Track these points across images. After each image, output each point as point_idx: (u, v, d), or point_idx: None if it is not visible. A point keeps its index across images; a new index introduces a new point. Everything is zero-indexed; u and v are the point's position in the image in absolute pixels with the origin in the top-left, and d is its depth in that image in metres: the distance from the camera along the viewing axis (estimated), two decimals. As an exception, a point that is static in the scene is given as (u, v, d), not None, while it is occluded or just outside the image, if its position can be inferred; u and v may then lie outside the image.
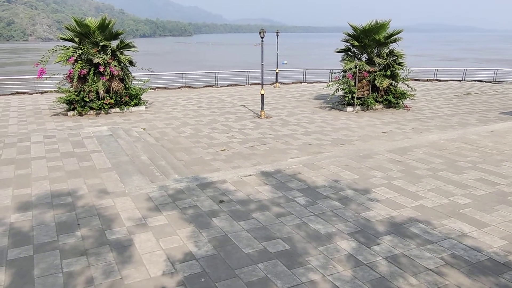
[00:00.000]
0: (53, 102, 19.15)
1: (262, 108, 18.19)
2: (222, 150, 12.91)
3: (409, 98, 20.52)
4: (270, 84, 29.12)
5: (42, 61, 17.27)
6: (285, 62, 63.39)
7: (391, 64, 19.73)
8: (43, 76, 17.76)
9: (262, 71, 18.90)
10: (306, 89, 27.57)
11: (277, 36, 28.82)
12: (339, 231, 7.35)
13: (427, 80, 32.00)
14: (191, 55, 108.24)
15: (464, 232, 7.34)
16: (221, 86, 28.61)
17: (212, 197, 8.87)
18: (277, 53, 29.26)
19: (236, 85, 29.33)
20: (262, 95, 18.11)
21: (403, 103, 20.46)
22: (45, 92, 24.47)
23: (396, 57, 20.15)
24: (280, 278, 5.92)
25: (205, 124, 16.73)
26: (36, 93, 24.56)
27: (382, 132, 15.40)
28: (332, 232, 7.32)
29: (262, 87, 18.51)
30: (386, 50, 20.20)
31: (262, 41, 17.90)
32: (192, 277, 5.94)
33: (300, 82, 30.75)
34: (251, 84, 29.35)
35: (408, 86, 20.38)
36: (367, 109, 19.89)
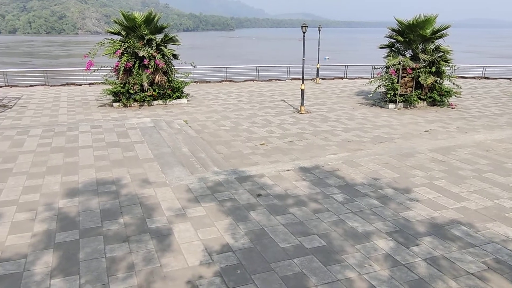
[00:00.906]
0: (100, 93, 19.81)
1: (302, 103, 18.07)
2: (261, 145, 12.94)
3: (455, 96, 19.75)
4: (311, 80, 28.86)
5: (90, 53, 17.88)
6: (327, 57, 62.62)
7: (436, 60, 19.03)
8: (91, 68, 18.38)
9: (303, 66, 18.74)
10: (347, 85, 27.13)
11: (319, 31, 28.49)
12: (377, 230, 7.23)
13: (474, 78, 30.66)
14: (234, 49, 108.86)
15: (509, 237, 7.04)
16: (261, 81, 28.62)
17: (250, 191, 8.93)
18: (318, 48, 28.95)
19: (276, 79, 29.26)
20: (302, 90, 17.98)
21: (448, 101, 19.74)
22: (92, 83, 25.35)
23: (442, 53, 19.41)
24: (315, 274, 5.90)
25: (245, 118, 16.81)
26: (85, 84, 25.48)
27: (425, 131, 14.94)
28: (370, 230, 7.20)
29: (303, 82, 18.36)
30: (432, 46, 19.49)
31: (304, 36, 17.73)
32: (229, 269, 6.02)
33: (341, 78, 30.28)
34: (291, 79, 29.19)
35: (454, 83, 19.61)
36: (410, 107, 19.33)
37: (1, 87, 23.51)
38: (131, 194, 8.68)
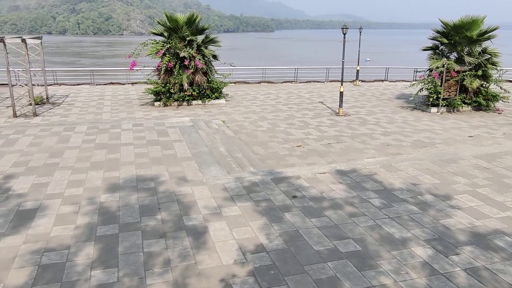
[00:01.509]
0: (142, 92, 20.34)
1: (340, 106, 17.85)
2: (297, 146, 12.89)
3: (502, 101, 18.89)
4: (350, 82, 28.46)
5: (134, 54, 18.41)
6: (368, 59, 61.53)
7: (483, 63, 18.28)
8: (134, 68, 18.92)
9: (343, 68, 18.51)
10: (388, 88, 26.55)
11: (360, 32, 28.04)
12: (415, 236, 7.04)
13: (524, 82, 29.26)
14: (273, 51, 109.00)
15: (558, 250, 6.67)
16: (300, 82, 28.50)
17: (285, 192, 8.91)
18: (359, 50, 28.49)
19: (315, 81, 29.04)
20: (341, 93, 17.76)
21: (494, 106, 18.92)
22: (135, 83, 26.03)
23: (489, 56, 18.63)
24: (349, 279, 5.82)
25: (282, 119, 16.79)
26: (128, 83, 26.23)
27: (469, 136, 14.40)
28: (408, 237, 7.02)
29: (342, 84, 18.13)
30: (479, 49, 18.77)
31: (344, 37, 17.52)
32: (262, 269, 6.03)
33: (382, 80, 29.67)
34: (330, 81, 28.89)
35: (501, 87, 18.78)
36: (453, 111, 18.68)
37: (51, 85, 24.54)
38: (169, 191, 8.86)
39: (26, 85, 18.28)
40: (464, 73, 18.17)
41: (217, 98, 20.04)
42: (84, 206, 8.05)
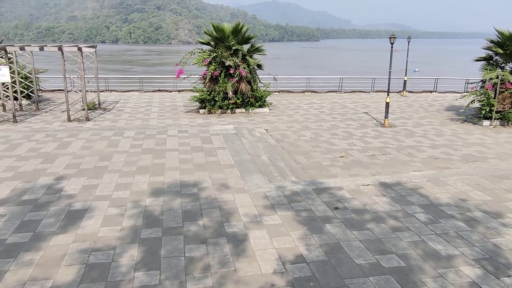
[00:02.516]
0: (188, 100, 20.80)
1: (386, 117, 17.46)
2: (341, 157, 12.71)
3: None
4: (397, 92, 27.81)
5: (181, 62, 18.90)
6: (417, 69, 59.85)
7: (542, 75, 17.35)
8: (181, 76, 19.39)
9: (389, 78, 18.12)
10: (436, 99, 25.70)
11: (408, 42, 27.42)
12: (463, 254, 6.73)
13: None
14: (319, 60, 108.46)
15: None
16: (344, 92, 28.17)
17: (327, 203, 8.80)
18: (406, 60, 27.81)
19: (360, 91, 28.61)
20: (387, 103, 17.38)
21: (554, 120, 17.86)
22: (181, 90, 26.68)
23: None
24: (391, 295, 5.64)
25: (326, 129, 16.63)
26: (174, 91, 26.93)
27: (524, 151, 13.66)
28: (455, 254, 6.73)
29: (388, 95, 17.75)
30: (538, 60, 17.85)
31: (392, 47, 17.18)
32: (302, 280, 5.97)
33: (430, 92, 28.77)
34: (376, 91, 28.36)
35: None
36: (508, 125, 17.77)
37: (103, 91, 25.59)
38: (211, 198, 8.97)
39: (80, 91, 19.17)
40: (520, 85, 17.29)
41: (260, 106, 20.15)
42: (130, 209, 8.28)
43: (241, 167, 11.18)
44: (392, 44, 17.19)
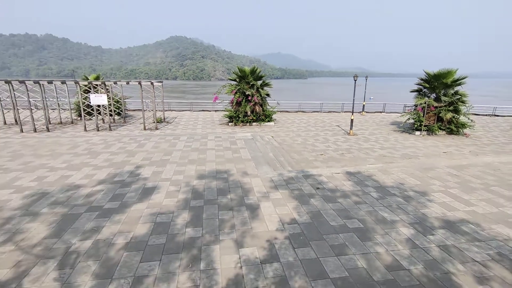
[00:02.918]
0: (221, 117, 20.82)
1: (351, 128, 17.24)
2: (321, 155, 12.58)
3: (469, 128, 17.38)
4: (358, 113, 27.42)
5: (217, 92, 18.97)
6: (372, 98, 58.88)
7: (455, 101, 16.94)
8: (217, 101, 19.45)
9: (353, 103, 17.93)
10: (384, 117, 25.29)
11: (366, 79, 27.10)
12: (401, 220, 6.61)
13: (486, 115, 26.72)
14: (306, 91, 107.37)
15: (510, 236, 5.98)
16: (323, 112, 27.90)
17: (311, 185, 8.72)
18: (365, 91, 27.52)
19: (334, 111, 28.30)
20: (352, 120, 17.17)
21: (463, 132, 17.43)
22: (217, 110, 26.75)
23: (460, 96, 17.24)
24: (354, 246, 5.57)
25: (311, 136, 16.49)
26: (212, 111, 26.99)
27: (443, 152, 13.35)
28: (396, 220, 6.61)
29: (352, 114, 17.54)
30: (452, 91, 17.43)
31: (355, 83, 17.00)
32: (295, 235, 5.93)
33: (380, 112, 28.29)
34: (344, 112, 28.00)
35: (468, 118, 17.29)
36: (432, 134, 17.40)
37: (166, 111, 25.86)
38: (236, 181, 8.96)
39: (152, 110, 19.34)
40: (440, 108, 16.95)
41: (268, 121, 20.07)
42: (183, 187, 8.33)
43: (256, 160, 11.16)
44: (355, 80, 17.01)
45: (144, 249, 5.39)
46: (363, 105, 27.16)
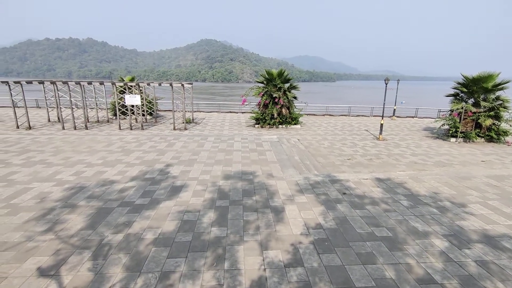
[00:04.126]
0: (248, 118, 20.92)
1: (380, 133, 16.63)
2: (348, 159, 12.24)
3: (511, 136, 16.09)
4: (388, 117, 26.42)
5: (245, 94, 19.11)
6: (404, 102, 56.52)
7: (496, 107, 15.80)
8: (244, 103, 19.59)
9: (383, 107, 17.30)
10: (417, 122, 24.14)
11: (398, 83, 26.07)
12: (435, 231, 6.24)
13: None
14: (334, 94, 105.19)
15: None
16: (352, 116, 27.19)
17: (338, 190, 8.51)
18: (396, 95, 26.45)
19: (363, 115, 27.47)
20: (381, 124, 16.56)
21: (504, 139, 16.19)
22: (244, 112, 26.95)
23: (502, 102, 16.06)
24: (382, 255, 5.35)
25: (338, 140, 16.11)
26: (240, 113, 27.24)
27: (481, 161, 12.48)
28: (429, 231, 6.26)
29: (382, 118, 16.92)
30: (493, 96, 16.27)
31: (386, 86, 16.39)
32: (319, 240, 5.80)
33: (412, 117, 27.05)
34: (374, 116, 27.11)
35: (511, 125, 16.01)
36: (469, 141, 16.33)
37: (195, 111, 26.46)
38: (261, 182, 8.95)
39: (181, 111, 19.87)
40: (479, 114, 15.88)
41: (295, 124, 19.88)
42: (210, 187, 8.45)
43: (281, 163, 11.09)
44: (386, 84, 16.41)
45: (171, 246, 5.52)
46: (394, 109, 26.12)
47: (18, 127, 16.71)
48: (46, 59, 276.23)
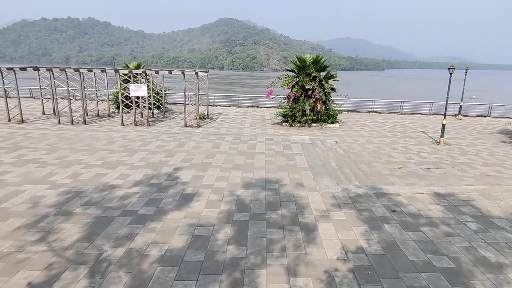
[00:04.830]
0: (274, 115, 20.96)
1: (441, 136, 16.04)
2: (399, 168, 11.92)
3: None
4: (452, 116, 25.46)
5: (271, 85, 19.16)
6: (474, 97, 54.15)
7: None
8: (270, 96, 19.64)
9: (446, 103, 16.65)
10: (490, 123, 23.05)
11: (466, 72, 24.99)
12: (512, 264, 5.92)
13: None
14: (383, 86, 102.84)
15: None
16: (404, 113, 26.46)
17: (385, 206, 8.31)
18: (463, 88, 25.39)
19: (418, 113, 26.67)
20: (443, 125, 15.97)
21: None
22: (269, 107, 27.02)
23: None
24: (442, 291, 5.14)
25: (386, 144, 15.73)
26: (264, 107, 27.35)
27: None
28: (504, 263, 5.95)
29: (445, 117, 16.31)
30: None
31: (450, 76, 15.77)
32: (361, 268, 5.69)
33: (484, 116, 25.90)
34: (433, 114, 26.24)
35: None
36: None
37: (210, 105, 26.85)
38: (289, 193, 8.93)
39: (194, 104, 20.26)
40: None
41: (332, 122, 19.67)
42: (226, 196, 8.54)
43: (314, 170, 11.00)
44: (450, 74, 15.79)
45: (179, 265, 5.63)
46: (460, 106, 25.11)
47: (9, 120, 17.77)
48: (42, 42, 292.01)
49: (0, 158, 11.28)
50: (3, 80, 17.39)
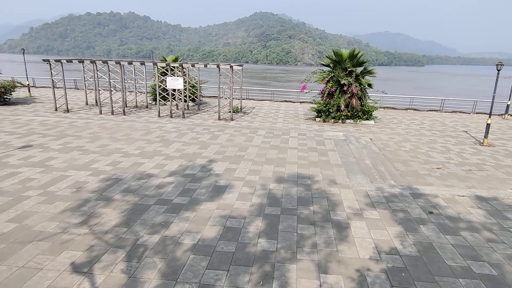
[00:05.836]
0: (307, 110, 20.72)
1: (485, 136, 15.15)
2: (437, 168, 11.42)
3: None
4: (498, 115, 23.97)
5: (306, 80, 18.93)
6: None
7: None
8: (304, 91, 19.42)
9: (492, 101, 15.66)
10: (541, 124, 21.47)
11: (515, 69, 23.42)
12: (562, 276, 5.51)
13: None
14: (423, 83, 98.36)
15: None
16: (445, 112, 25.24)
17: (422, 207, 8.00)
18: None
19: (460, 112, 25.34)
20: (488, 124, 15.07)
21: None
22: (303, 102, 26.75)
23: None
24: (481, 299, 4.89)
25: (425, 143, 15.10)
26: (297, 102, 27.13)
27: None
28: (552, 274, 5.55)
29: (490, 117, 15.37)
30: None
31: (498, 73, 14.81)
32: (394, 269, 5.53)
33: (535, 116, 24.15)
34: (476, 113, 24.84)
35: None
36: None
37: (244, 99, 26.99)
38: (321, 189, 8.83)
39: (228, 98, 20.45)
40: None
41: (367, 119, 19.17)
42: (258, 190, 8.59)
43: (347, 167, 10.79)
44: (498, 70, 14.83)
45: (211, 255, 5.74)
46: (508, 105, 23.57)
47: (56, 109, 18.83)
48: (86, 35, 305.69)
49: (48, 145, 11.99)
50: (51, 72, 18.40)
